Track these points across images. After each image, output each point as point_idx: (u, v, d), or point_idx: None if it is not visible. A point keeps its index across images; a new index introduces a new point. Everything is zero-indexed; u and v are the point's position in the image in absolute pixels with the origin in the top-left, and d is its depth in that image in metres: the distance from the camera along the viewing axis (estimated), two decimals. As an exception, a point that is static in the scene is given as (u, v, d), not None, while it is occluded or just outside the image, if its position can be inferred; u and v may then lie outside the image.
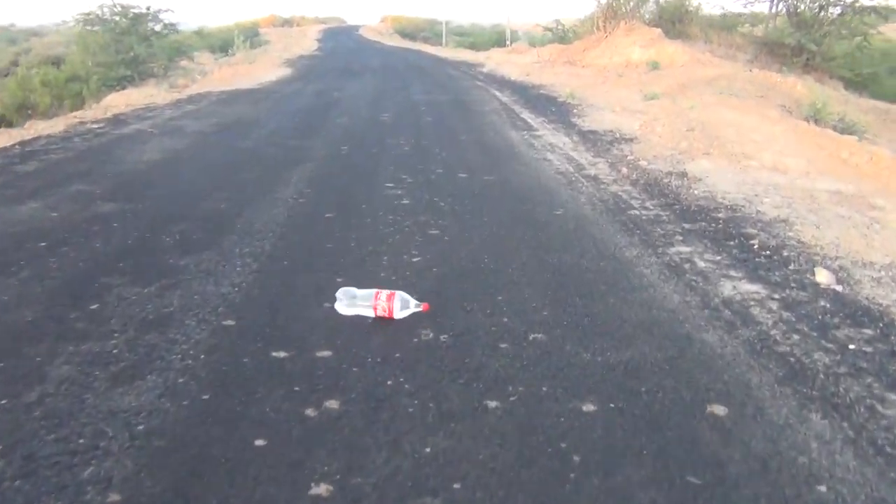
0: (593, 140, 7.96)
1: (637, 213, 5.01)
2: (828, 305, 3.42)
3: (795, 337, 3.07)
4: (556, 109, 10.48)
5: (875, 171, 6.59)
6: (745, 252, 4.16)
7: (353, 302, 3.10)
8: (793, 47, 16.83)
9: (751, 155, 7.07)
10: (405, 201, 5.26)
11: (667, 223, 4.75)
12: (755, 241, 4.32)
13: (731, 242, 4.33)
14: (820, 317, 3.29)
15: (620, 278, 3.72)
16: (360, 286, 3.29)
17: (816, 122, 10.15)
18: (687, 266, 3.92)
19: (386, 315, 3.05)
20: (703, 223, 4.76)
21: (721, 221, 4.77)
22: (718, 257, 4.07)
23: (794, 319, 3.25)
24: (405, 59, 26.10)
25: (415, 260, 3.94)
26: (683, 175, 6.23)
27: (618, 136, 8.17)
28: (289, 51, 28.38)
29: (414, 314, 3.13)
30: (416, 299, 3.16)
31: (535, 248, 4.18)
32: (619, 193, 5.59)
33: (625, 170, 6.40)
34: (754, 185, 5.98)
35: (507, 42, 31.39)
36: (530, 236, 4.41)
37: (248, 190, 5.50)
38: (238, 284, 3.52)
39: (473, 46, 33.46)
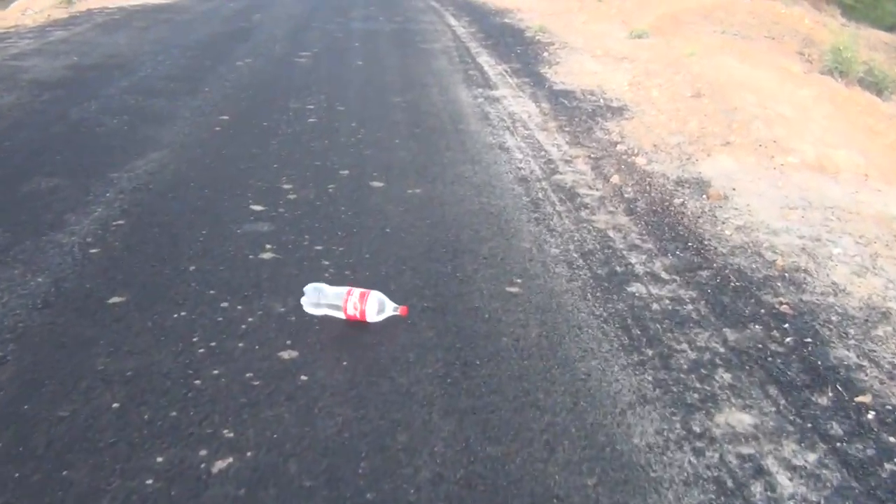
0: (569, 110, 5.74)
1: (643, 291, 2.93)
2: None
3: None
4: (521, 51, 8.16)
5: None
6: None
7: (321, 301, 2.65)
8: (793, -32, 14.47)
9: (785, 143, 4.95)
10: (267, 254, 3.12)
11: (695, 327, 2.70)
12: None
13: (842, 425, 2.26)
14: None
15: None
16: None
17: (841, 73, 8.07)
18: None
19: (358, 317, 2.61)
20: (758, 327, 2.73)
21: (789, 335, 2.69)
22: None
23: None
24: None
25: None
26: (701, 187, 4.14)
27: (601, 102, 5.95)
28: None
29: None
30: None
31: (461, 427, 2.08)
32: (610, 235, 3.48)
33: (616, 177, 4.25)
34: (806, 209, 3.92)
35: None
36: (459, 373, 2.38)
37: (21, 221, 3.30)
38: None
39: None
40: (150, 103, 5.53)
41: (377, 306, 2.62)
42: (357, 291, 2.65)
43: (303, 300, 2.68)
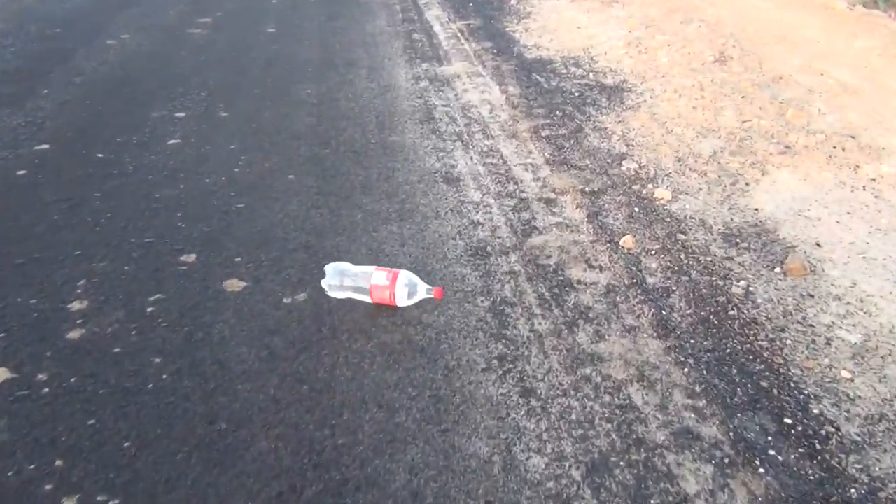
0: (548, 94, 3.94)
1: None
2: None
3: None
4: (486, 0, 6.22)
5: None
6: None
7: (345, 283, 2.27)
8: None
9: (867, 138, 3.26)
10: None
11: None
12: None
13: None
14: None
15: None
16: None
17: (886, 1, 6.27)
18: None
19: (386, 302, 2.21)
20: None
21: None
22: None
23: None
24: None
25: None
26: (767, 248, 2.51)
27: (591, 77, 4.14)
28: None
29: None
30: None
31: None
32: (636, 400, 1.81)
33: (629, 238, 2.50)
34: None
35: None
36: None
37: None
38: None
39: None
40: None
41: (408, 289, 2.21)
42: (384, 272, 2.24)
43: (323, 282, 2.30)
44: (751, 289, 2.33)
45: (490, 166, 3.22)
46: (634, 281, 2.37)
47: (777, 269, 2.42)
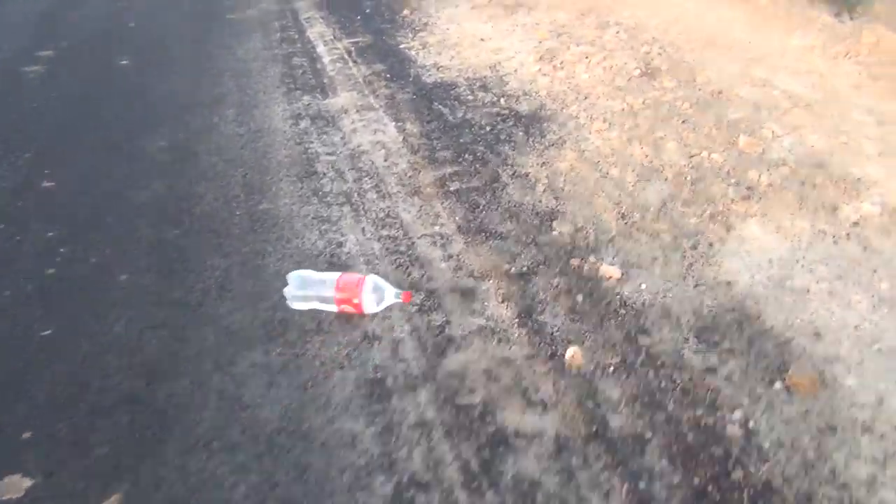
0: (453, 131, 3.23)
1: None
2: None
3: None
4: (372, 8, 5.42)
5: None
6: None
7: (309, 293, 2.10)
8: None
9: (837, 167, 2.76)
10: None
11: None
12: None
13: None
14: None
15: None
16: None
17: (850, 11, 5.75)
18: None
19: (353, 310, 2.04)
20: None
21: None
22: None
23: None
24: None
25: None
26: (753, 345, 1.82)
27: (503, 104, 3.45)
28: None
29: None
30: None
31: None
32: None
33: (574, 350, 1.77)
34: None
35: None
36: None
37: None
38: None
39: None
40: None
41: (376, 295, 2.05)
42: (349, 278, 2.08)
43: (286, 290, 2.12)
44: (750, 424, 1.64)
45: (387, 241, 2.45)
46: (594, 428, 1.65)
47: (777, 384, 1.74)
